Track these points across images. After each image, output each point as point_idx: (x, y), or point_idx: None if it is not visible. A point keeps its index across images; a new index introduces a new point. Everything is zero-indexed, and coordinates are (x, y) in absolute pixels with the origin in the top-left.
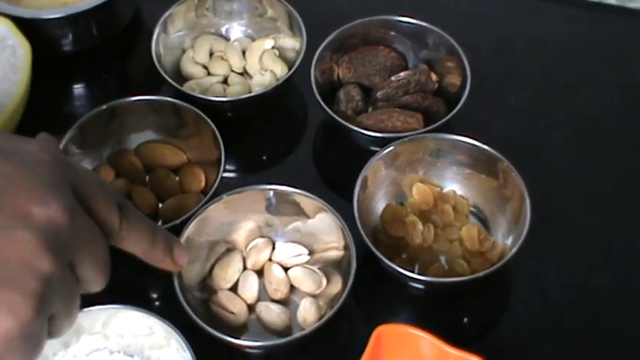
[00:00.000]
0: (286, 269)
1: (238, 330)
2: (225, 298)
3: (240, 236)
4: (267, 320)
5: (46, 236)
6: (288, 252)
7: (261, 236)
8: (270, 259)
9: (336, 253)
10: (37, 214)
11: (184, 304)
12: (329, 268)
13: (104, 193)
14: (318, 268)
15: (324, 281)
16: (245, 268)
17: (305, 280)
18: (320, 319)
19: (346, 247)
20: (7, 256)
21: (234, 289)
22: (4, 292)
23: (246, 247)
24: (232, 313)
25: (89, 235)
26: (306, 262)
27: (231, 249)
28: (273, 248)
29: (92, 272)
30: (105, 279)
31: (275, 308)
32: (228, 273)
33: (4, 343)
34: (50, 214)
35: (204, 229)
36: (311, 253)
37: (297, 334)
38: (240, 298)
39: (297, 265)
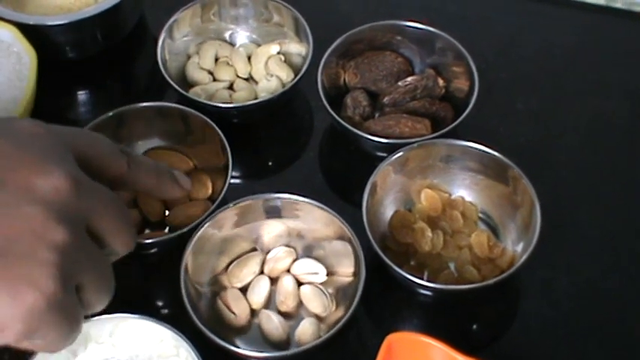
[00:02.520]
0: (300, 284)
1: (237, 331)
2: (231, 296)
3: (267, 236)
4: (265, 329)
5: (54, 206)
6: (307, 268)
7: (287, 245)
8: (288, 270)
9: (349, 280)
10: (41, 185)
11: (192, 313)
12: (341, 293)
13: (105, 143)
14: (330, 293)
15: (333, 307)
16: (262, 272)
17: (313, 299)
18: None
19: (356, 259)
20: (18, 231)
21: (245, 290)
22: (22, 266)
23: (268, 251)
24: (234, 313)
25: (100, 196)
26: (322, 283)
27: (255, 249)
28: (295, 259)
29: (113, 232)
30: (129, 237)
31: (275, 319)
32: (242, 272)
33: (32, 317)
34: (54, 184)
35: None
36: (330, 274)
37: (307, 345)
38: (247, 300)
39: (311, 282)
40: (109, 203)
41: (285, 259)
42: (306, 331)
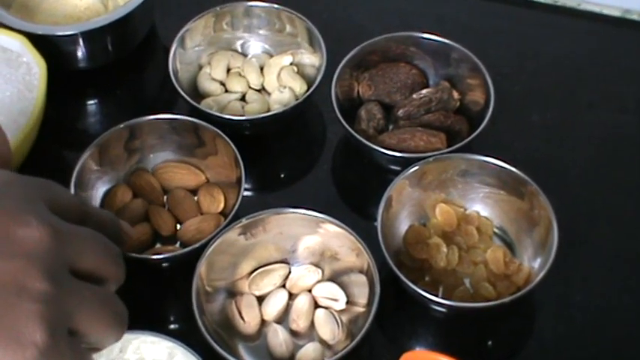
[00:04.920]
0: (318, 306)
1: (244, 338)
2: (245, 302)
3: (301, 250)
4: (270, 343)
5: (35, 256)
6: (329, 292)
7: (316, 265)
8: (310, 290)
9: (364, 311)
10: (21, 236)
11: (203, 330)
12: (354, 324)
13: (69, 193)
14: (343, 322)
15: (342, 336)
16: (283, 286)
17: (324, 325)
18: None
19: (368, 272)
20: (1, 284)
21: (262, 299)
22: (8, 319)
23: (296, 263)
24: (243, 319)
25: (79, 237)
26: (339, 311)
27: (283, 261)
28: (320, 281)
29: (100, 267)
30: (116, 267)
31: (281, 336)
32: (263, 281)
33: None
34: (34, 234)
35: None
36: (350, 303)
37: None
38: (260, 310)
39: (328, 307)
40: (90, 242)
41: (308, 278)
42: (308, 355)
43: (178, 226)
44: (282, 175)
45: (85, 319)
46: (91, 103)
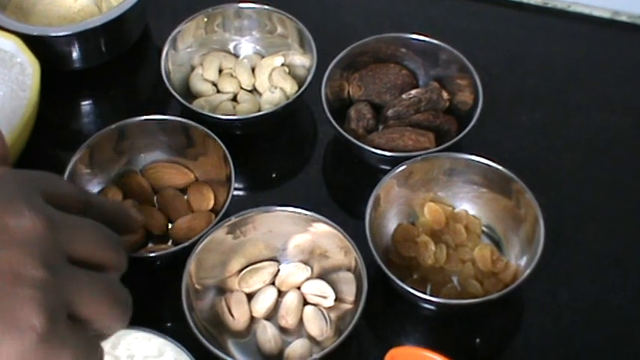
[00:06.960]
0: (307, 303)
1: (234, 335)
2: (235, 299)
3: (291, 248)
4: (259, 339)
5: (30, 244)
6: (318, 289)
7: (305, 262)
8: (299, 287)
9: (352, 308)
10: (14, 225)
11: (193, 326)
12: (341, 321)
13: (68, 184)
14: (332, 319)
15: (330, 333)
16: (273, 283)
17: (313, 321)
18: None
19: (356, 270)
20: None
21: (251, 296)
22: (6, 307)
23: (285, 261)
24: (232, 316)
25: (75, 225)
26: (328, 308)
27: (272, 259)
28: (309, 278)
29: (98, 254)
30: (115, 253)
31: (270, 332)
32: (252, 279)
33: (26, 355)
34: (27, 223)
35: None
36: (339, 300)
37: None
38: (249, 307)
39: (317, 304)
40: (86, 229)
41: (297, 275)
42: (296, 351)
43: (170, 225)
44: (273, 175)
45: (85, 303)
46: (84, 104)
